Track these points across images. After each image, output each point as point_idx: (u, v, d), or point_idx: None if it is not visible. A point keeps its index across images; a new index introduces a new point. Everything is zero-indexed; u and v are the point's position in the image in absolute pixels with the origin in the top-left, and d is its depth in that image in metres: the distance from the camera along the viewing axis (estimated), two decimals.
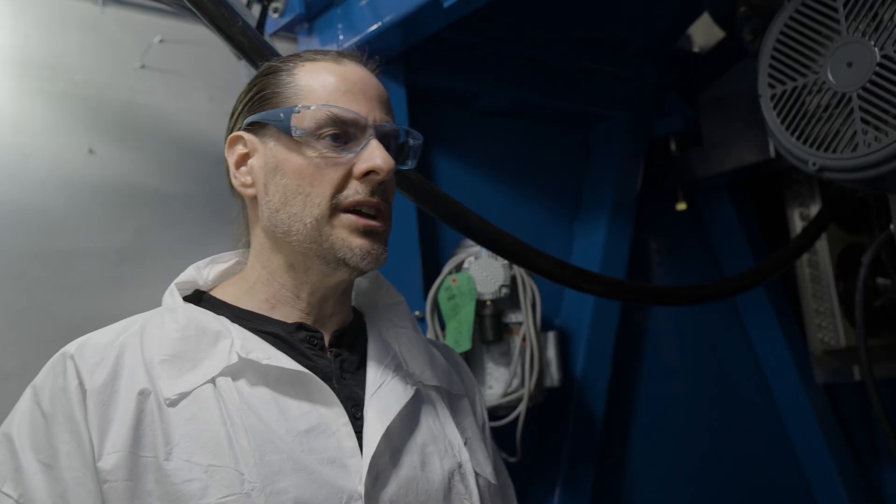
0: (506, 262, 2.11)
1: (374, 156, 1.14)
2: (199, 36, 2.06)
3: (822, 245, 2.70)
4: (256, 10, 1.94)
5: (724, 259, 2.98)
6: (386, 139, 1.18)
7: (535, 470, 2.38)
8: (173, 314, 1.16)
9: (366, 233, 1.15)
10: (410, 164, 1.24)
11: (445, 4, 1.81)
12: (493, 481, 1.28)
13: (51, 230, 1.92)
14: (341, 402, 1.13)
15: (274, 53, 1.61)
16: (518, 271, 2.16)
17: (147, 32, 2.13)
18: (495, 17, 2.27)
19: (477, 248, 2.13)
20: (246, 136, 1.20)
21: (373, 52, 2.03)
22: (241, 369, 1.11)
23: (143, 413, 1.05)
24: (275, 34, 2.13)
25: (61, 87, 1.99)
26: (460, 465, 1.21)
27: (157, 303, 1.26)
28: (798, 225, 2.76)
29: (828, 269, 2.71)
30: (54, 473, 1.03)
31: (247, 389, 1.10)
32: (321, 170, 1.14)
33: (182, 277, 1.24)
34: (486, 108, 2.44)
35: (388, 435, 1.12)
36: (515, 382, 2.14)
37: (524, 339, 2.16)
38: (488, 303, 2.13)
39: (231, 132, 1.23)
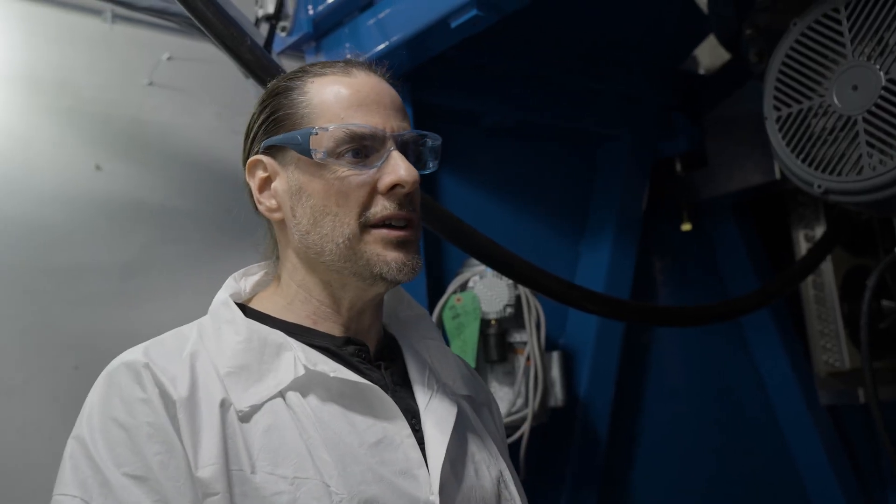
0: (511, 281, 2.11)
1: (397, 168, 1.13)
2: (207, 54, 2.07)
3: (826, 267, 2.70)
4: (264, 28, 1.96)
5: (728, 280, 2.97)
6: (405, 147, 1.18)
7: (538, 490, 2.37)
8: (233, 326, 1.14)
9: (399, 244, 1.14)
10: (432, 167, 1.23)
11: (453, 24, 1.82)
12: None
13: (57, 245, 1.93)
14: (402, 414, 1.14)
15: (281, 73, 1.62)
16: (523, 291, 2.16)
17: (155, 50, 2.14)
18: (502, 37, 2.28)
19: (482, 268, 2.13)
20: (265, 159, 1.19)
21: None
22: (307, 384, 1.10)
23: (226, 425, 1.04)
24: (282, 53, 2.14)
25: (69, 103, 2.00)
26: (501, 472, 1.24)
27: (163, 318, 1.25)
28: (803, 246, 2.75)
29: (832, 291, 2.70)
30: (151, 485, 1.00)
31: (316, 403, 1.09)
32: (345, 189, 1.12)
33: (229, 289, 1.22)
34: (493, 127, 2.44)
35: (449, 446, 1.14)
36: (519, 402, 2.13)
37: (528, 359, 2.15)
38: (493, 322, 2.12)
39: (248, 154, 1.22)
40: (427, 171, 1.22)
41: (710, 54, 2.89)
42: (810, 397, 2.85)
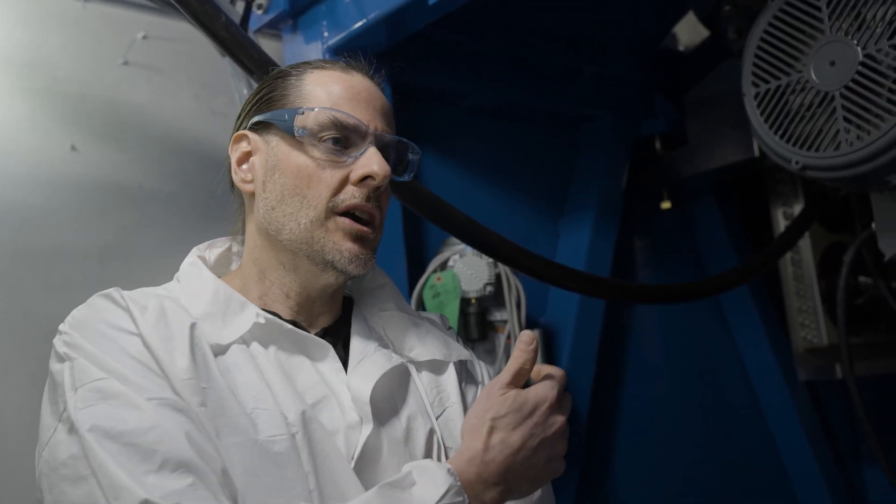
0: (491, 260, 2.11)
1: (371, 161, 1.17)
2: (183, 33, 2.05)
3: (805, 244, 2.71)
4: (240, 6, 1.93)
5: (708, 258, 2.99)
6: (385, 149, 1.22)
7: None
8: (201, 280, 1.21)
9: (357, 238, 1.19)
10: (407, 177, 1.28)
11: (430, 2, 1.81)
12: None
13: (32, 228, 1.91)
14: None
15: (257, 50, 1.61)
16: (503, 269, 2.16)
17: (130, 29, 2.11)
18: (481, 16, 2.26)
19: (462, 247, 2.13)
20: (250, 134, 1.25)
21: (357, 49, 2.03)
22: (265, 335, 1.17)
23: (196, 347, 1.08)
24: (258, 31, 2.12)
25: (43, 83, 1.98)
26: (434, 433, 1.23)
27: None
28: (781, 224, 2.77)
29: (811, 268, 2.72)
30: (131, 386, 1.02)
31: (272, 351, 1.16)
32: (319, 172, 1.18)
33: (197, 254, 1.28)
34: (473, 107, 2.43)
35: (373, 403, 1.15)
36: None
37: (509, 338, 2.16)
38: (473, 301, 2.13)
39: (235, 131, 1.27)
40: (400, 180, 1.27)
41: (689, 31, 2.89)
42: (789, 373, 2.87)
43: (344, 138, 1.18)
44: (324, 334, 1.26)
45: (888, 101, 1.59)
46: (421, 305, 2.11)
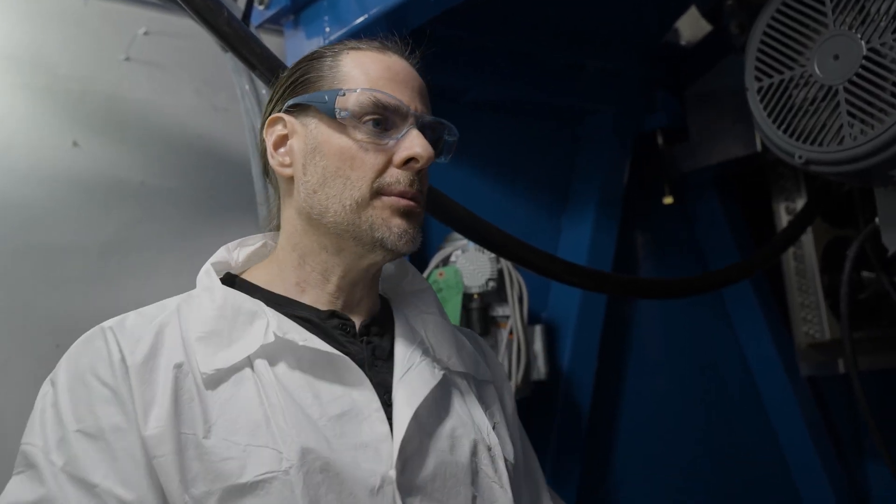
0: (493, 255, 2.11)
1: (414, 144, 1.15)
2: (185, 28, 2.04)
3: (807, 239, 2.71)
4: (242, 2, 1.93)
5: (710, 253, 2.98)
6: (424, 130, 1.19)
7: None
8: (210, 293, 1.16)
9: (405, 213, 1.16)
10: (444, 159, 1.26)
11: None
12: (520, 466, 1.31)
13: (34, 224, 1.90)
14: (373, 387, 1.14)
15: (259, 46, 1.60)
16: (505, 265, 2.16)
17: (131, 25, 2.11)
18: (483, 11, 2.26)
19: (464, 242, 2.13)
20: (286, 117, 1.21)
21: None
22: (276, 352, 1.11)
23: (182, 390, 1.06)
24: (260, 26, 2.11)
25: (45, 80, 1.97)
26: (490, 448, 1.22)
27: (142, 297, 1.25)
28: (784, 219, 2.77)
29: (813, 263, 2.72)
30: (101, 445, 1.03)
31: (283, 372, 1.11)
32: (362, 154, 1.15)
33: (215, 258, 1.24)
34: (474, 103, 2.43)
35: (417, 419, 1.13)
36: None
37: (511, 333, 2.15)
38: (475, 296, 2.12)
39: (269, 115, 1.24)
40: (439, 161, 1.24)
41: (691, 26, 2.88)
42: (791, 369, 2.87)
43: (385, 119, 1.16)
44: (369, 324, 1.23)
45: (892, 95, 1.58)
46: None
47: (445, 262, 2.14)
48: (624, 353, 2.71)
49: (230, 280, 1.24)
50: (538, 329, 2.27)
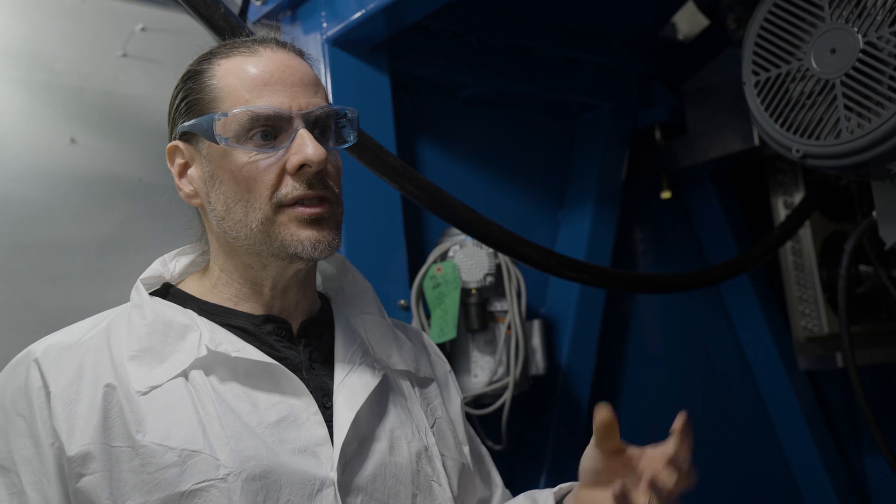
0: (491, 250, 2.11)
1: (303, 148, 1.11)
2: (182, 24, 2.04)
3: (805, 233, 2.71)
4: None
5: (708, 247, 2.98)
6: (318, 122, 1.16)
7: (520, 458, 2.38)
8: (140, 310, 1.15)
9: (312, 222, 1.13)
10: (352, 139, 1.21)
11: None
12: (464, 462, 1.30)
13: (32, 221, 1.90)
14: (311, 392, 1.14)
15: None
16: (503, 260, 2.16)
17: (128, 21, 2.10)
18: (480, 6, 2.26)
19: (462, 237, 2.13)
20: (181, 145, 1.19)
21: (357, 40, 2.03)
22: (211, 363, 1.11)
23: (111, 405, 1.05)
24: (257, 22, 2.11)
25: (42, 76, 1.97)
26: (427, 448, 1.23)
27: None
28: (782, 213, 2.77)
29: (811, 257, 2.72)
30: (11, 477, 1.05)
31: (217, 382, 1.10)
32: (255, 172, 1.11)
33: (148, 272, 1.23)
34: (471, 98, 2.43)
35: (356, 422, 1.14)
36: (501, 371, 2.14)
37: (509, 328, 2.16)
38: (473, 291, 2.12)
39: (170, 139, 1.22)
40: (346, 146, 1.21)
41: (688, 21, 2.88)
42: (789, 363, 2.87)
43: (271, 128, 1.12)
44: (306, 326, 1.23)
45: (889, 88, 1.59)
46: (421, 296, 2.11)
47: (443, 257, 2.14)
48: (622, 347, 2.71)
49: (165, 290, 1.23)
50: (536, 324, 2.27)
